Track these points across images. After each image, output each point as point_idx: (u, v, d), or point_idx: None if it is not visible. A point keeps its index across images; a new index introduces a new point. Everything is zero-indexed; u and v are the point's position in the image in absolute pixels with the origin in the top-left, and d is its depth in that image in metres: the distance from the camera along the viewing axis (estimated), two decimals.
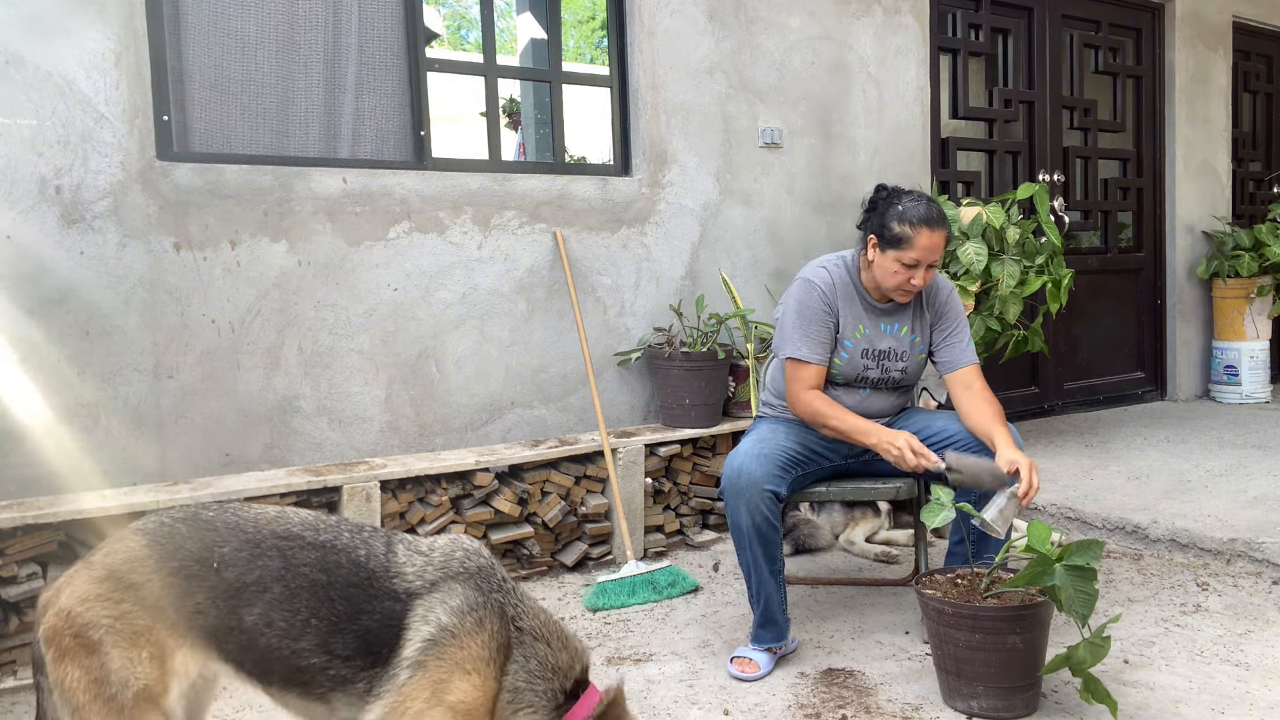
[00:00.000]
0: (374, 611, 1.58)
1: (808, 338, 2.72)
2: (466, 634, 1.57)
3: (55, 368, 2.95)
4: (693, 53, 4.12)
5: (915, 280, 2.63)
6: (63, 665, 1.51)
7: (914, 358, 2.80)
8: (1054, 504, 3.80)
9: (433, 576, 1.62)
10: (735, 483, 2.58)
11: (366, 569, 1.61)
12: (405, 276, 3.51)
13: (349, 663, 1.56)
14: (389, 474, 3.16)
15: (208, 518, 1.64)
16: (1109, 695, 2.17)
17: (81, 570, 1.57)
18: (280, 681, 1.59)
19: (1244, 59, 6.47)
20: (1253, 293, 5.86)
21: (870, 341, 2.75)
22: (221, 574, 1.57)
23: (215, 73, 3.31)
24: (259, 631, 1.56)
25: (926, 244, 2.58)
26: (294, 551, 1.60)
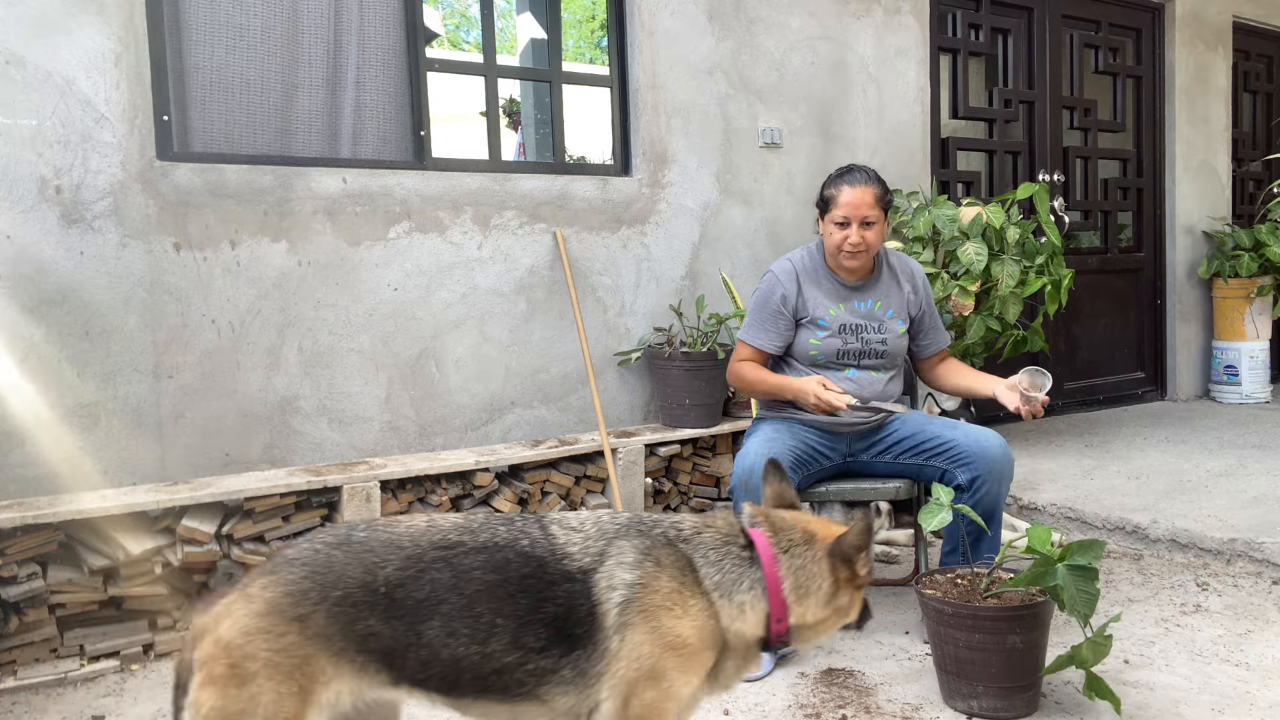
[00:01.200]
0: (556, 597, 1.57)
1: (756, 324, 2.88)
2: (652, 578, 1.58)
3: (55, 368, 2.95)
4: (693, 53, 4.11)
5: (852, 238, 2.74)
6: (207, 690, 1.49)
7: (893, 330, 2.87)
8: (1054, 504, 3.80)
9: (597, 547, 1.62)
10: (746, 482, 2.58)
11: (535, 558, 1.60)
12: (405, 276, 3.51)
13: (546, 654, 1.55)
14: (389, 474, 3.16)
15: (361, 539, 1.61)
16: (1112, 692, 2.17)
17: (240, 602, 1.53)
18: (472, 690, 1.57)
19: (1244, 59, 6.47)
20: (1253, 293, 5.86)
21: (844, 317, 2.85)
22: (391, 595, 1.54)
23: (215, 72, 3.31)
24: (442, 644, 1.54)
25: (849, 199, 2.73)
26: (459, 558, 1.58)
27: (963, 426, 2.79)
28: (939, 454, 2.74)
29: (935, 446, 2.75)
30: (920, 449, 2.79)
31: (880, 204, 2.76)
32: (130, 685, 2.66)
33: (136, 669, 2.75)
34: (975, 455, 2.67)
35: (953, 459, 2.71)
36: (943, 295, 4.01)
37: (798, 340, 2.86)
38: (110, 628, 2.78)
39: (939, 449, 2.74)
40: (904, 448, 2.82)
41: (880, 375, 2.88)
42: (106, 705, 2.54)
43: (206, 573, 2.90)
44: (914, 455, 2.80)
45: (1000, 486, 2.69)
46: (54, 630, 2.71)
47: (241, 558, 2.91)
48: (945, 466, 2.73)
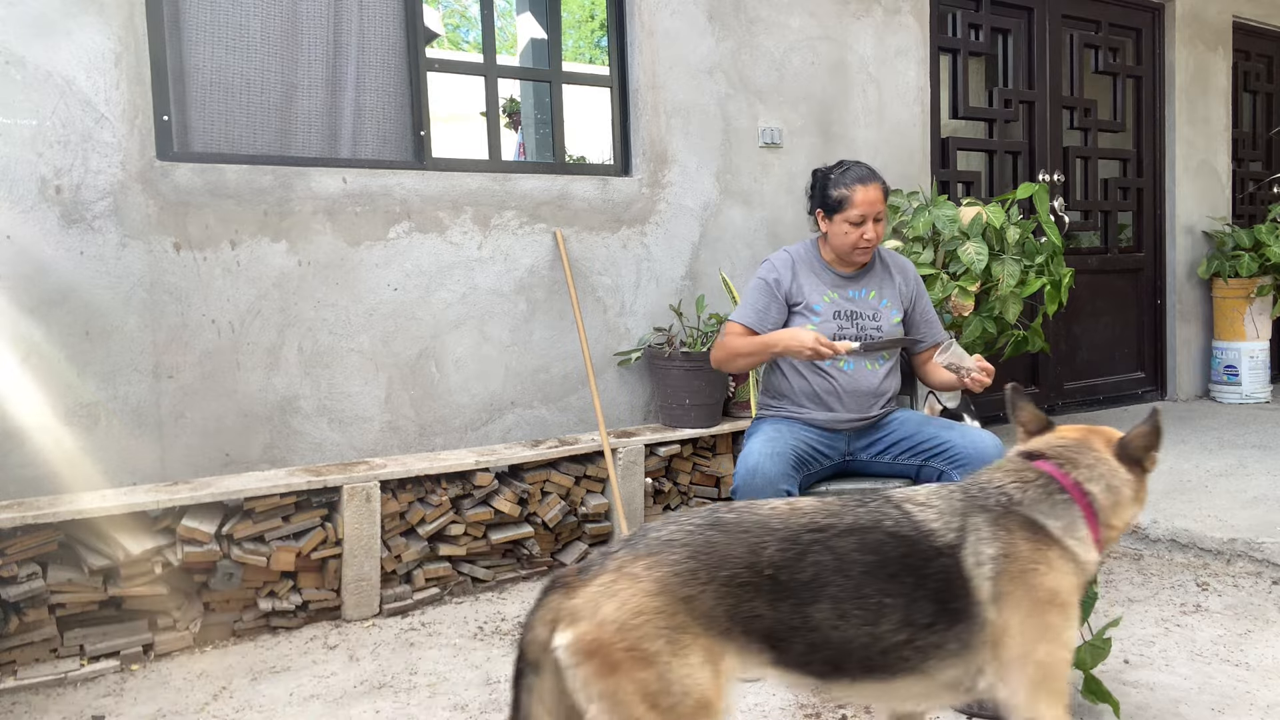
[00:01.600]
0: (933, 573, 1.59)
1: (746, 304, 2.89)
2: (1013, 547, 1.62)
3: (55, 368, 2.95)
4: (693, 53, 4.12)
5: (867, 235, 2.79)
6: (614, 679, 1.47)
7: (888, 319, 2.91)
8: None
9: (957, 523, 1.64)
10: (751, 482, 2.58)
11: (904, 537, 1.62)
12: (405, 276, 3.51)
13: (932, 629, 1.57)
14: (389, 474, 3.16)
15: (731, 520, 1.60)
16: (1110, 695, 2.17)
17: (624, 583, 1.51)
18: (856, 671, 1.58)
19: (1244, 59, 6.47)
20: (1253, 293, 5.86)
21: (840, 304, 2.88)
22: (775, 577, 1.54)
23: (215, 72, 3.31)
24: (831, 627, 1.54)
25: (864, 199, 2.77)
26: (833, 540, 1.59)
27: (959, 428, 2.78)
28: (936, 455, 2.75)
29: (933, 447, 2.75)
30: (918, 450, 2.79)
31: (885, 198, 2.83)
32: (130, 685, 2.66)
33: (136, 669, 2.76)
34: (971, 457, 2.67)
35: (949, 460, 2.71)
36: (943, 295, 4.01)
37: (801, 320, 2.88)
38: (110, 628, 2.78)
39: (936, 450, 2.75)
40: (902, 448, 2.82)
41: (876, 368, 2.88)
42: (106, 705, 2.54)
43: (206, 573, 2.90)
44: (912, 456, 2.80)
45: None
46: (54, 630, 2.71)
47: (241, 558, 2.91)
48: (942, 468, 2.72)
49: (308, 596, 3.04)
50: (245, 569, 2.93)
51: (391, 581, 3.18)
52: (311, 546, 3.03)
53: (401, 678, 2.66)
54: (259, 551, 2.94)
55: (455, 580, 3.30)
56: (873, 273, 2.94)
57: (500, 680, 2.62)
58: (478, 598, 3.29)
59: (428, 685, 2.61)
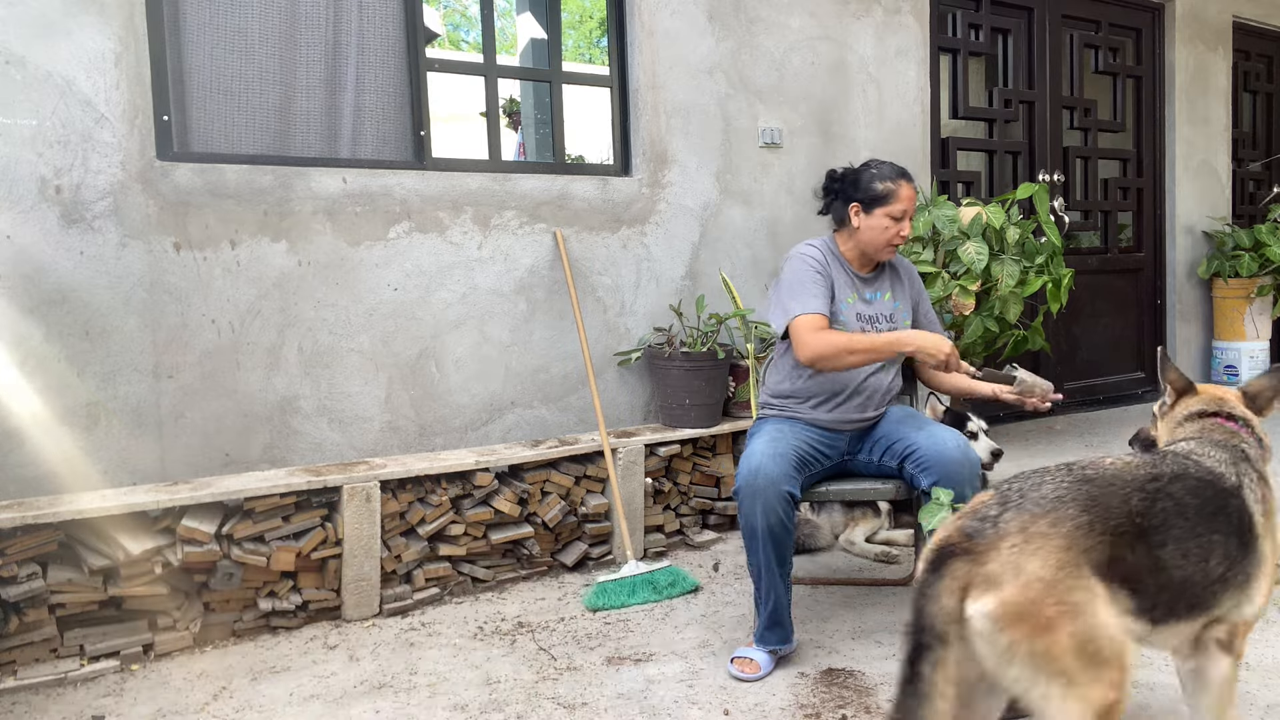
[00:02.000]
0: (1233, 511, 1.77)
1: (807, 293, 2.75)
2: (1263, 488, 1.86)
3: (55, 368, 2.96)
4: (693, 53, 4.12)
5: (904, 231, 2.81)
6: (1045, 636, 1.50)
7: (902, 323, 2.92)
8: None
9: (1235, 469, 1.83)
10: (753, 483, 2.55)
11: (1210, 481, 1.79)
12: (405, 276, 3.51)
13: (1238, 563, 1.74)
14: (389, 474, 3.16)
15: (1095, 475, 1.71)
16: None
17: (1038, 542, 1.56)
18: (1184, 610, 1.71)
19: (1244, 59, 6.47)
20: (1253, 293, 5.86)
21: (860, 307, 2.86)
22: (1140, 525, 1.65)
23: (215, 73, 3.31)
24: (1176, 565, 1.67)
25: (908, 194, 2.80)
26: (1169, 487, 1.73)
27: (928, 428, 2.74)
28: (907, 457, 2.74)
29: (904, 450, 2.74)
30: (893, 451, 2.79)
31: None
32: (130, 685, 2.66)
33: (136, 669, 2.76)
34: (933, 460, 2.64)
35: (916, 463, 2.69)
36: (943, 295, 4.01)
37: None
38: (110, 628, 2.78)
39: (906, 452, 2.74)
40: (883, 448, 2.82)
41: (886, 372, 2.88)
42: (106, 705, 2.54)
43: (206, 573, 2.90)
44: (891, 458, 2.80)
45: (964, 489, 2.59)
46: (54, 630, 2.71)
47: (241, 558, 2.91)
48: (912, 471, 2.71)
49: (308, 596, 3.04)
50: (245, 569, 2.93)
51: (391, 581, 3.18)
52: (311, 546, 3.03)
53: (401, 678, 2.66)
54: (259, 551, 2.94)
55: (455, 580, 3.30)
56: (884, 275, 2.94)
57: (500, 680, 2.62)
58: (478, 598, 3.29)
59: (428, 685, 2.61)
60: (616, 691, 2.53)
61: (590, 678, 2.62)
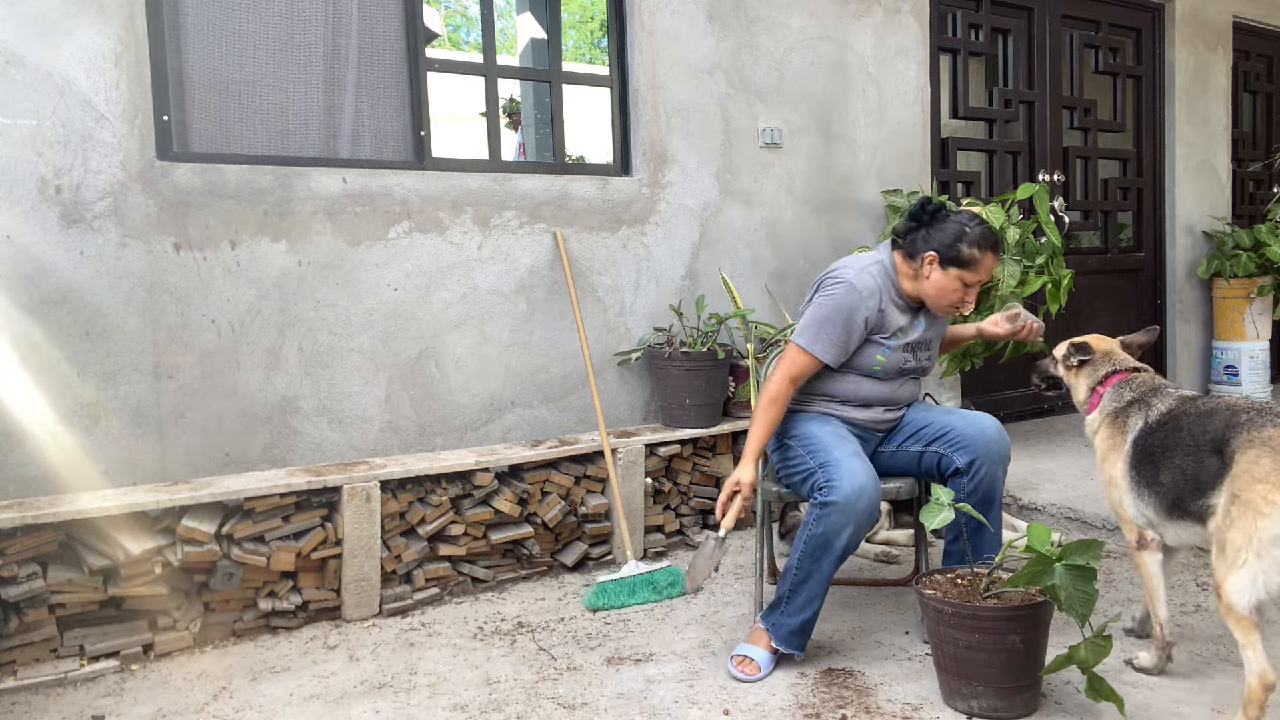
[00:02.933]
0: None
1: (827, 336, 2.69)
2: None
3: (55, 368, 2.96)
4: (693, 53, 4.12)
5: (969, 299, 2.73)
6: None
7: (935, 345, 2.93)
8: (1054, 504, 3.80)
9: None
10: (855, 503, 2.49)
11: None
12: (405, 276, 3.51)
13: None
14: (389, 474, 3.16)
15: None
16: (1114, 692, 2.17)
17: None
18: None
19: (1244, 59, 6.47)
20: (1253, 293, 5.86)
21: (910, 335, 2.80)
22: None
23: (215, 73, 3.31)
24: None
25: (990, 265, 2.71)
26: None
27: (959, 412, 2.83)
28: (938, 439, 2.78)
29: (934, 432, 2.79)
30: (920, 435, 2.83)
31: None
32: (130, 685, 2.66)
33: (136, 669, 2.76)
34: (972, 439, 2.71)
35: (950, 443, 2.75)
36: None
37: (862, 353, 2.76)
38: (110, 628, 2.78)
39: (938, 434, 2.78)
40: (905, 435, 2.86)
41: (916, 384, 2.93)
42: (106, 705, 2.54)
43: (206, 573, 2.90)
44: (914, 443, 2.83)
45: (998, 469, 2.72)
46: (54, 630, 2.71)
47: (241, 558, 2.91)
48: (943, 451, 2.76)
49: (308, 596, 3.04)
50: (245, 569, 2.93)
51: (391, 581, 3.18)
52: (311, 546, 3.03)
53: (401, 678, 2.66)
54: (259, 551, 2.94)
55: (455, 580, 3.30)
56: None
57: (500, 680, 2.62)
58: (478, 598, 3.29)
59: (428, 685, 2.61)
60: (616, 691, 2.53)
61: (590, 678, 2.62)
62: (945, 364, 4.27)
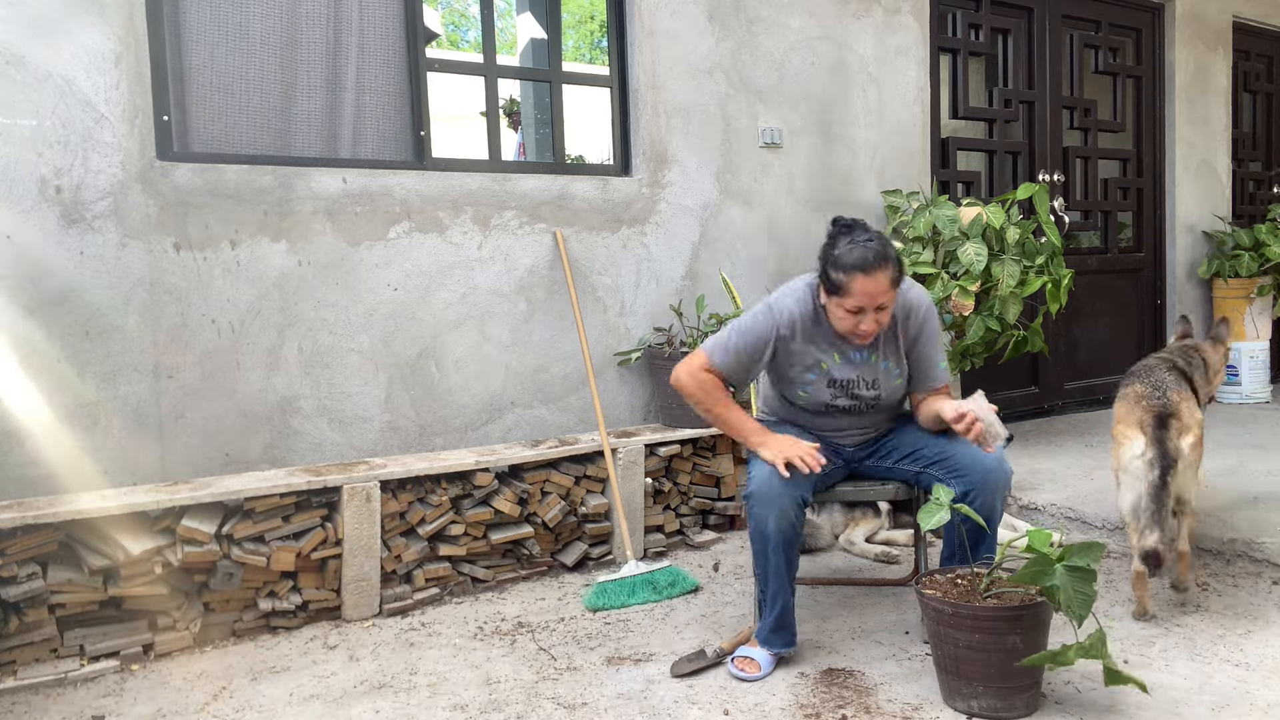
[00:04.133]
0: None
1: (731, 349, 2.66)
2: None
3: (55, 368, 2.96)
4: (693, 53, 4.12)
5: (864, 325, 2.52)
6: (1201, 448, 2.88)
7: (888, 383, 2.72)
8: (1054, 504, 3.80)
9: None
10: (767, 490, 2.51)
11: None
12: (405, 276, 3.51)
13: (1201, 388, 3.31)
14: (389, 474, 3.16)
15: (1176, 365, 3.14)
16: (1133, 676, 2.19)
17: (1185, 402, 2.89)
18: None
19: (1244, 59, 6.47)
20: (1253, 293, 5.86)
21: (837, 371, 2.68)
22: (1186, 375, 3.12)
23: (215, 73, 3.31)
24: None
25: (863, 289, 2.46)
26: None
27: (960, 440, 2.63)
28: (935, 464, 2.69)
29: (932, 456, 2.70)
30: (917, 457, 2.75)
31: (895, 284, 2.51)
32: (130, 685, 2.66)
33: (136, 669, 2.76)
34: (969, 467, 2.59)
35: (948, 469, 2.63)
36: (943, 295, 4.01)
37: (788, 384, 2.72)
38: (110, 628, 2.78)
39: (935, 459, 2.69)
40: (902, 454, 2.79)
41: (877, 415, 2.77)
42: (106, 705, 2.54)
43: (206, 573, 2.90)
44: (911, 463, 2.77)
45: (995, 499, 2.59)
46: (54, 630, 2.71)
47: (241, 558, 2.91)
48: (940, 476, 2.65)
49: (308, 596, 3.04)
50: (245, 569, 2.93)
51: (391, 581, 3.18)
52: (311, 546, 3.03)
53: (401, 678, 2.66)
54: (259, 551, 2.94)
55: (455, 580, 3.30)
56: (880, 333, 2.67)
57: (500, 680, 2.62)
58: (478, 598, 3.29)
59: (428, 685, 2.61)
60: (616, 691, 2.53)
61: (590, 678, 2.62)
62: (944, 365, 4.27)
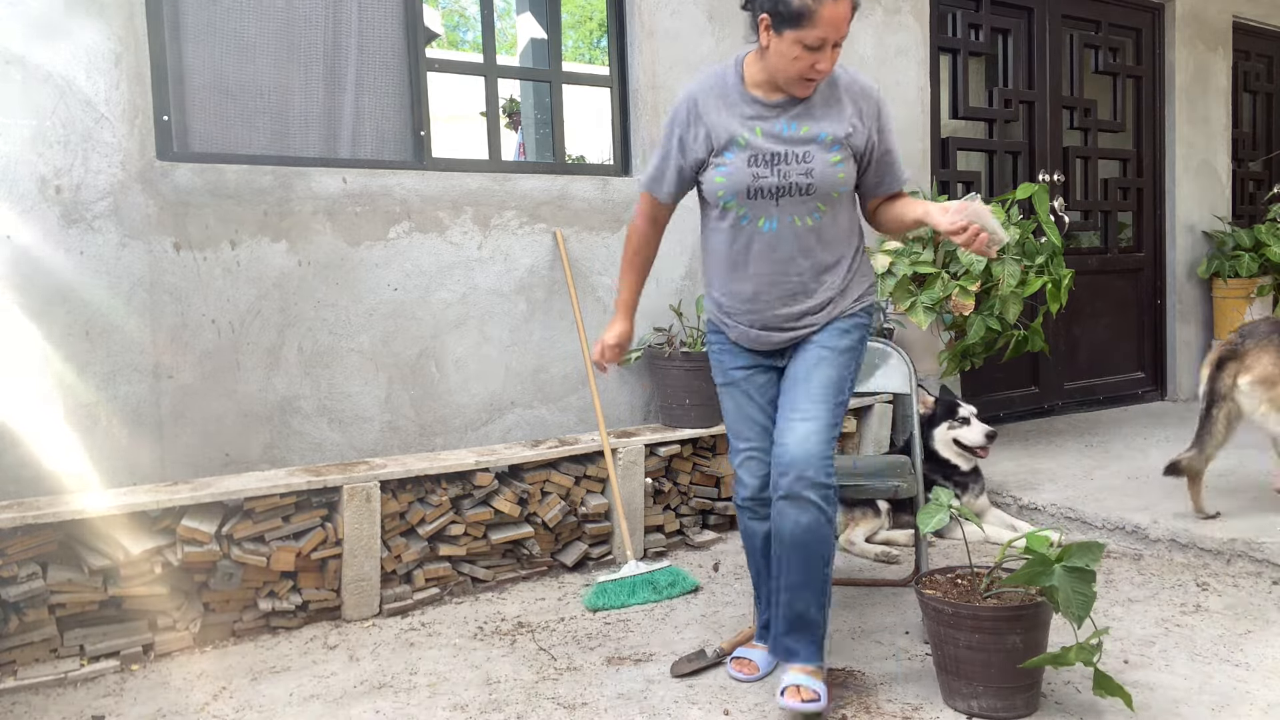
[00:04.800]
0: None
1: (653, 162, 2.44)
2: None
3: (55, 368, 2.96)
4: (693, 53, 4.12)
5: (821, 65, 2.18)
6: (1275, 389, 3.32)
7: (824, 167, 2.27)
8: (1054, 504, 3.80)
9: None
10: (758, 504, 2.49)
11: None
12: (405, 276, 3.51)
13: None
14: (389, 474, 3.16)
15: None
16: (1121, 688, 2.18)
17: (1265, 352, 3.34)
18: None
19: (1244, 59, 6.47)
20: (1253, 293, 5.86)
21: (759, 144, 2.27)
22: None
23: (215, 73, 3.31)
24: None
25: (831, 16, 2.12)
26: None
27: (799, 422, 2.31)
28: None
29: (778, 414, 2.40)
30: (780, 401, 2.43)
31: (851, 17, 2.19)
32: (130, 685, 2.66)
33: (136, 669, 2.76)
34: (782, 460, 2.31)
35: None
36: (943, 295, 4.01)
37: (705, 183, 2.36)
38: (110, 628, 2.78)
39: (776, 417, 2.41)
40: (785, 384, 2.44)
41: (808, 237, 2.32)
42: (106, 705, 2.54)
43: (206, 573, 2.90)
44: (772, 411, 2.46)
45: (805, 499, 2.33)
46: (54, 630, 2.71)
47: (241, 558, 2.91)
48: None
49: (308, 596, 3.05)
50: (245, 569, 2.93)
51: (391, 581, 3.18)
52: (311, 546, 3.03)
53: (401, 678, 2.66)
54: (259, 551, 2.94)
55: (455, 580, 3.30)
56: (813, 101, 2.29)
57: (500, 680, 2.62)
58: (478, 598, 3.29)
59: (428, 685, 2.61)
60: (616, 691, 2.53)
61: (590, 678, 2.62)
62: (945, 364, 4.27)
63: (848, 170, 2.31)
